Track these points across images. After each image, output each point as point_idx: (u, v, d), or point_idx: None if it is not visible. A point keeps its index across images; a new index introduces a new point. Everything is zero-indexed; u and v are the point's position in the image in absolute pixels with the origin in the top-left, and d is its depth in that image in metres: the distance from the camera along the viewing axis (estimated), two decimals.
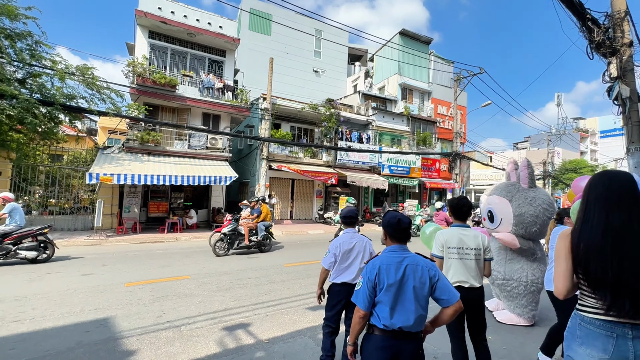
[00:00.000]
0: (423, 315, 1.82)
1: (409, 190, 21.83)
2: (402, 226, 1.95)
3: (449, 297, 1.83)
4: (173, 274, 6.42)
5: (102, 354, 3.30)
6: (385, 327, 1.78)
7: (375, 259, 1.94)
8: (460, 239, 2.69)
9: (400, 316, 1.78)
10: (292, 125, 18.12)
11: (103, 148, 12.86)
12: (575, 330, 1.61)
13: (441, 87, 24.54)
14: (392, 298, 1.79)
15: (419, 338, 1.85)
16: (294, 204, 17.82)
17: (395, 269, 1.83)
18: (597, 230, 1.53)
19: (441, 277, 1.87)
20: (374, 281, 1.83)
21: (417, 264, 1.86)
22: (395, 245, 1.97)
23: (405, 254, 1.91)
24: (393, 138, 20.54)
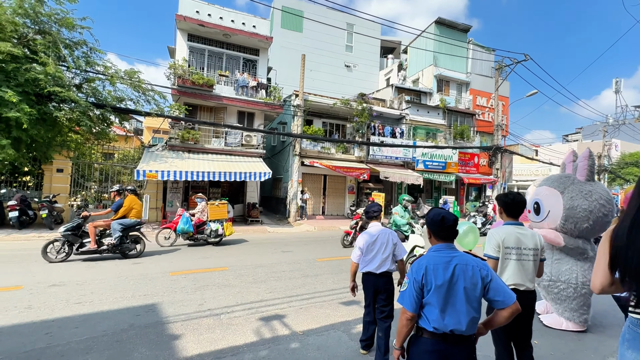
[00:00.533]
0: (476, 318, 1.72)
1: (445, 186, 21.04)
2: (447, 224, 1.85)
3: (505, 298, 1.73)
4: (212, 265, 6.76)
5: (151, 336, 3.57)
6: (435, 329, 1.70)
7: (422, 258, 1.86)
8: (518, 238, 2.52)
9: (451, 318, 1.70)
10: (324, 121, 18.16)
11: (148, 146, 13.76)
12: (625, 334, 1.56)
13: (480, 77, 23.24)
14: (441, 299, 1.71)
15: (471, 341, 1.76)
16: (326, 200, 17.91)
17: (443, 268, 1.75)
18: (627, 223, 1.49)
19: (494, 277, 1.76)
20: (420, 282, 1.75)
21: (467, 263, 1.76)
22: (441, 244, 1.89)
23: (454, 253, 1.82)
24: (428, 132, 19.84)
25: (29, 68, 8.53)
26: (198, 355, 3.19)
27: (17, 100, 7.89)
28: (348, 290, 5.37)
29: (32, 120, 8.39)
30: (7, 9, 8.67)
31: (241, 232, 11.69)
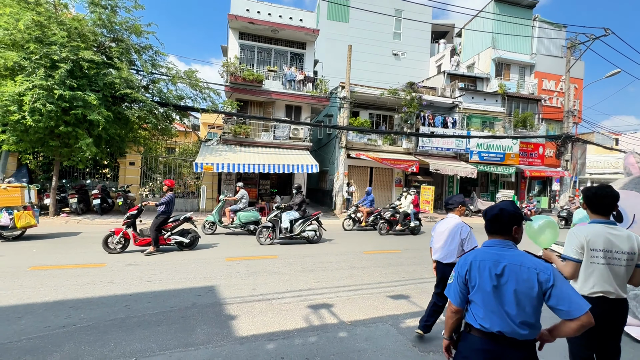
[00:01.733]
0: (531, 323, 1.57)
1: (502, 179, 19.47)
2: (494, 217, 1.73)
3: (570, 309, 1.52)
4: (262, 253, 7.11)
5: (211, 315, 3.89)
6: (482, 327, 1.62)
7: (469, 253, 1.79)
8: (608, 239, 2.19)
9: (498, 320, 1.59)
10: (370, 113, 17.82)
11: (205, 141, 14.80)
12: None
13: (548, 57, 20.83)
14: (486, 299, 1.62)
15: (529, 347, 1.60)
16: None
17: (490, 267, 1.64)
18: None
19: (559, 283, 1.56)
20: (464, 277, 1.71)
21: (521, 264, 1.61)
22: (493, 239, 1.75)
23: (506, 251, 1.67)
24: (484, 121, 18.43)
25: (106, 73, 9.64)
26: (252, 336, 3.41)
27: (98, 103, 8.98)
28: (395, 284, 5.31)
29: (109, 120, 9.51)
30: (89, 21, 9.86)
31: None
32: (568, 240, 2.28)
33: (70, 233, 8.43)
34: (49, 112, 8.43)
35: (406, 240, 9.31)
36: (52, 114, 8.60)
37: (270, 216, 8.38)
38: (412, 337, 3.52)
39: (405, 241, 9.20)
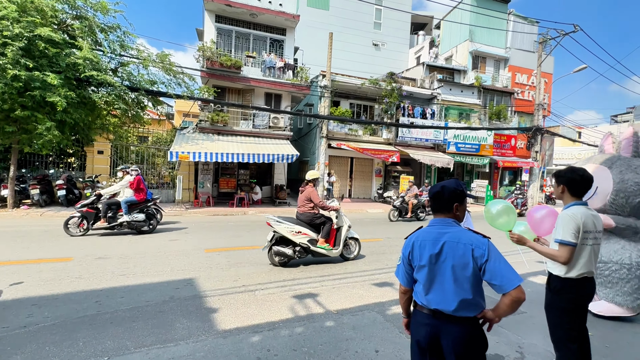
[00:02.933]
0: (469, 300, 1.58)
1: (477, 169, 20.13)
2: (436, 195, 1.76)
3: (502, 283, 1.52)
4: (244, 243, 6.91)
5: (191, 308, 3.69)
6: (422, 304, 1.69)
7: (413, 234, 1.80)
8: (592, 221, 2.26)
9: (435, 297, 1.64)
10: (351, 103, 17.73)
11: (180, 129, 14.16)
12: None
13: (521, 52, 21.54)
14: (426, 277, 1.66)
15: (468, 323, 1.61)
16: (352, 183, 17.74)
17: (430, 245, 1.67)
18: None
19: (494, 258, 1.55)
20: (408, 258, 1.75)
21: (458, 241, 1.62)
22: (436, 218, 1.78)
23: (447, 229, 1.68)
24: (461, 112, 18.86)
25: (69, 53, 8.88)
26: (236, 329, 3.26)
27: (59, 83, 8.26)
28: (379, 272, 5.31)
29: (72, 103, 8.80)
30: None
31: (270, 212, 11.86)
32: (564, 223, 2.22)
33: (32, 226, 7.81)
34: (2, 93, 7.67)
35: (392, 228, 9.39)
36: (5, 96, 7.84)
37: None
38: (398, 324, 3.50)
39: (390, 229, 9.28)
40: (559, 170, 2.41)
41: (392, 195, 16.04)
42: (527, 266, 5.84)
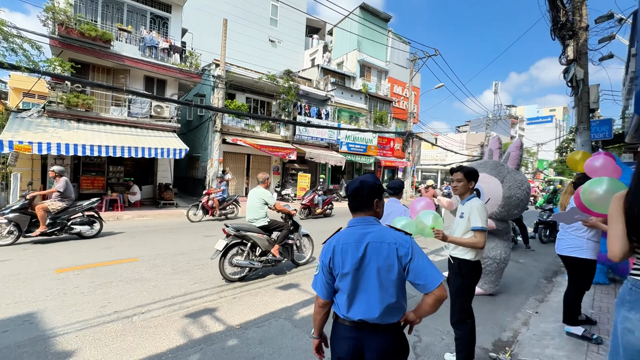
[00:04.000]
0: (393, 305, 1.45)
1: (365, 168, 22.23)
2: (355, 191, 1.56)
3: (426, 282, 1.42)
4: (117, 256, 5.59)
5: (27, 357, 2.63)
6: (345, 316, 1.50)
7: (332, 238, 1.58)
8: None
9: (360, 306, 1.46)
10: (247, 97, 16.95)
11: (17, 111, 10.69)
12: (624, 297, 1.57)
13: (397, 66, 24.87)
14: (349, 285, 1.47)
15: (392, 331, 1.48)
16: (249, 181, 17.03)
17: (353, 249, 1.48)
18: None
19: (417, 257, 1.45)
20: (328, 266, 1.52)
21: (382, 241, 1.47)
22: (355, 218, 1.58)
23: (369, 229, 1.51)
24: (351, 115, 20.47)
25: None
26: None
27: None
28: (285, 273, 5.06)
29: None
30: None
31: (152, 216, 10.19)
32: (480, 212, 2.45)
33: None
34: None
35: None
36: None
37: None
38: (309, 328, 3.32)
39: None
40: (464, 167, 2.64)
41: (290, 193, 16.13)
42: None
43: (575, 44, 5.90)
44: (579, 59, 5.92)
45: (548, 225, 8.46)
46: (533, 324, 3.61)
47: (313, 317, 1.62)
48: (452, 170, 2.72)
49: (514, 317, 3.87)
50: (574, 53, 5.92)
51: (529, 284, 5.17)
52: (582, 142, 5.94)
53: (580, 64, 5.89)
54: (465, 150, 41.14)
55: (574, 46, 5.92)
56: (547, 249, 7.71)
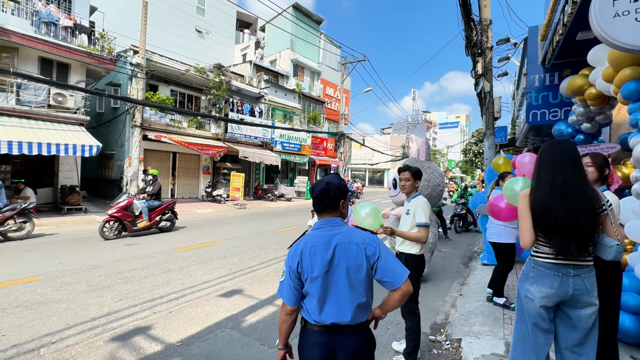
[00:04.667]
0: (363, 304, 1.47)
1: (299, 167, 22.39)
2: (322, 193, 1.52)
3: (394, 279, 1.46)
4: (8, 277, 4.55)
5: None
6: (316, 322, 1.48)
7: (299, 241, 1.53)
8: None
9: (331, 309, 1.44)
10: (173, 90, 15.51)
11: None
12: (529, 273, 1.89)
13: (329, 69, 25.64)
14: (319, 289, 1.44)
15: (362, 330, 1.51)
16: (175, 181, 15.64)
17: (322, 251, 1.45)
18: (546, 188, 1.80)
19: (384, 255, 1.49)
20: (296, 270, 1.47)
21: (350, 241, 1.47)
22: (322, 219, 1.56)
23: (336, 230, 1.50)
24: (285, 114, 20.39)
25: None
26: None
27: None
28: (224, 279, 4.79)
29: None
30: None
31: (54, 225, 8.60)
32: (424, 210, 2.61)
33: None
34: None
35: (228, 228, 8.77)
36: None
37: None
38: (259, 335, 3.19)
39: (226, 230, 8.66)
40: (411, 167, 2.81)
41: (222, 194, 15.33)
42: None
43: (483, 61, 6.86)
44: (486, 74, 6.91)
45: (461, 217, 9.70)
46: (459, 305, 4.08)
47: (279, 326, 1.54)
48: (399, 170, 2.89)
49: (444, 301, 4.32)
50: (482, 69, 6.87)
51: (452, 270, 5.85)
52: (489, 145, 6.96)
53: (487, 78, 6.88)
54: (390, 150, 44.77)
55: (482, 63, 6.87)
56: (461, 238, 8.84)
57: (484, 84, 6.80)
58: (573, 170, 1.78)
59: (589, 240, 1.73)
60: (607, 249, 1.74)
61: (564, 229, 1.72)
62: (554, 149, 1.86)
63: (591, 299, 1.75)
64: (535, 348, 1.86)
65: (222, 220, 10.72)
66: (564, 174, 1.78)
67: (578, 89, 4.41)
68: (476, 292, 4.39)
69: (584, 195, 1.74)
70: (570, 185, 1.76)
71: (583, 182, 1.78)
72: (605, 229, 1.79)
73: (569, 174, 1.77)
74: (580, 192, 1.75)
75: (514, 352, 1.97)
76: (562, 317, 1.84)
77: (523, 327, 1.92)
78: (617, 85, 3.28)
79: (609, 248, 1.73)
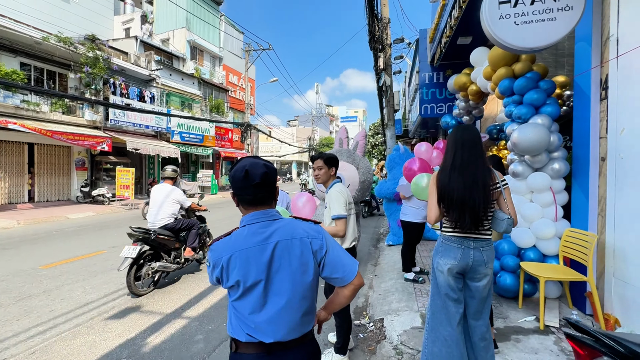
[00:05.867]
0: (308, 310, 1.23)
1: (202, 160, 20.62)
2: (264, 179, 1.19)
3: (344, 274, 1.22)
4: None
5: None
6: (250, 341, 1.17)
7: (222, 243, 1.19)
8: (348, 193, 2.59)
9: (272, 326, 1.15)
10: (24, 63, 12.05)
11: None
12: (439, 247, 2.08)
13: (232, 55, 24.18)
14: (255, 302, 1.15)
15: (307, 342, 1.25)
16: (35, 180, 12.35)
17: (257, 254, 1.15)
18: (448, 167, 1.98)
19: (331, 247, 1.24)
20: (218, 282, 1.20)
21: (292, 237, 1.19)
22: (254, 212, 1.22)
23: (274, 225, 1.20)
24: (183, 101, 18.35)
25: None
26: None
27: None
28: (114, 296, 3.92)
29: None
30: None
31: None
32: (335, 199, 2.41)
33: None
34: None
35: (114, 235, 7.27)
36: None
37: None
38: (166, 357, 2.65)
39: (113, 236, 7.17)
40: (323, 154, 2.65)
41: (106, 193, 12.86)
42: None
43: (384, 57, 7.37)
44: (387, 69, 7.45)
45: (367, 203, 10.46)
46: (376, 285, 4.30)
47: None
48: (312, 159, 2.69)
49: None
50: (383, 64, 7.38)
51: (364, 252, 6.18)
52: (391, 135, 7.58)
53: (388, 73, 7.43)
54: (297, 142, 45.49)
55: (384, 58, 7.38)
56: (368, 222, 9.52)
57: (385, 78, 7.33)
58: (471, 152, 1.96)
59: (482, 213, 1.91)
60: (500, 222, 1.96)
61: (460, 204, 1.89)
62: (456, 133, 2.05)
63: (487, 270, 1.97)
64: (447, 317, 2.00)
65: (107, 224, 8.95)
66: (462, 155, 1.95)
67: (462, 86, 5.09)
68: (389, 271, 4.70)
69: (478, 174, 1.92)
70: (467, 164, 1.93)
71: (479, 162, 1.95)
72: (499, 205, 2.02)
73: (467, 155, 1.95)
74: (475, 171, 1.92)
75: (430, 323, 2.09)
76: (465, 289, 2.04)
77: (438, 299, 2.06)
78: (495, 82, 3.87)
79: (500, 221, 1.95)
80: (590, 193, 2.99)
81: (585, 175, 3.05)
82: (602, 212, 2.87)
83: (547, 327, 2.80)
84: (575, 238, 3.00)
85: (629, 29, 2.62)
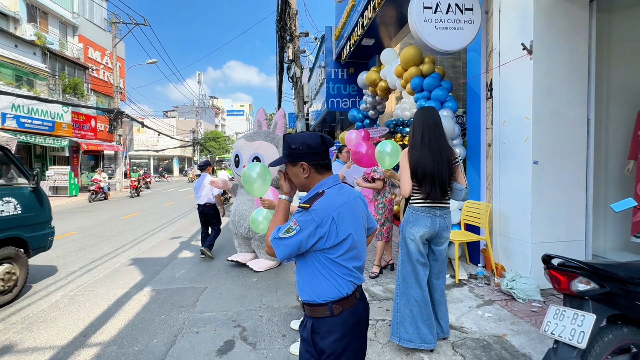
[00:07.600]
0: None
1: (53, 153, 16.20)
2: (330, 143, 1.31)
3: (374, 224, 1.44)
4: None
5: None
6: (356, 290, 1.23)
7: (322, 200, 1.18)
8: None
9: (362, 271, 1.29)
10: None
11: None
12: (409, 218, 2.31)
13: (93, 25, 19.73)
14: (360, 252, 1.25)
15: None
16: None
17: (356, 207, 1.27)
18: (418, 145, 2.25)
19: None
20: (331, 236, 1.15)
21: (357, 195, 1.33)
22: (330, 177, 1.29)
23: (343, 186, 1.30)
24: (20, 75, 13.89)
25: None
26: None
27: None
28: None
29: None
30: None
31: None
32: None
33: None
34: None
35: None
36: None
37: None
38: None
39: None
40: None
41: None
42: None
43: (293, 48, 7.42)
44: (296, 61, 7.53)
45: None
46: None
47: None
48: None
49: None
50: (293, 55, 7.43)
51: None
52: (301, 127, 7.72)
53: (297, 65, 7.52)
54: (178, 135, 40.79)
55: (292, 49, 7.42)
56: None
57: (295, 69, 7.39)
58: (435, 131, 2.25)
59: (447, 185, 2.24)
60: (458, 192, 2.31)
61: (431, 178, 2.17)
62: (422, 115, 2.31)
63: (448, 234, 2.32)
64: (417, 280, 2.26)
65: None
66: (429, 134, 2.23)
67: (373, 82, 5.63)
68: None
69: (443, 151, 2.23)
70: (434, 143, 2.21)
71: (442, 140, 2.27)
72: (457, 177, 2.37)
73: (433, 134, 2.24)
74: (441, 149, 2.23)
75: (401, 288, 2.30)
76: (429, 253, 2.34)
77: (408, 265, 2.29)
78: (406, 80, 4.43)
79: (459, 191, 2.31)
80: (481, 172, 3.81)
81: (477, 158, 3.87)
82: (490, 186, 3.71)
83: (460, 280, 3.45)
84: (473, 207, 3.78)
85: (506, 45, 3.44)
